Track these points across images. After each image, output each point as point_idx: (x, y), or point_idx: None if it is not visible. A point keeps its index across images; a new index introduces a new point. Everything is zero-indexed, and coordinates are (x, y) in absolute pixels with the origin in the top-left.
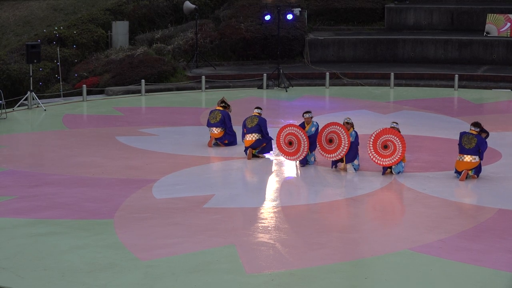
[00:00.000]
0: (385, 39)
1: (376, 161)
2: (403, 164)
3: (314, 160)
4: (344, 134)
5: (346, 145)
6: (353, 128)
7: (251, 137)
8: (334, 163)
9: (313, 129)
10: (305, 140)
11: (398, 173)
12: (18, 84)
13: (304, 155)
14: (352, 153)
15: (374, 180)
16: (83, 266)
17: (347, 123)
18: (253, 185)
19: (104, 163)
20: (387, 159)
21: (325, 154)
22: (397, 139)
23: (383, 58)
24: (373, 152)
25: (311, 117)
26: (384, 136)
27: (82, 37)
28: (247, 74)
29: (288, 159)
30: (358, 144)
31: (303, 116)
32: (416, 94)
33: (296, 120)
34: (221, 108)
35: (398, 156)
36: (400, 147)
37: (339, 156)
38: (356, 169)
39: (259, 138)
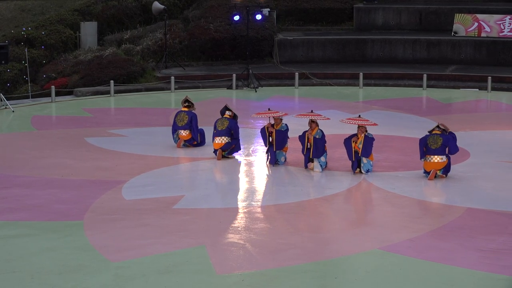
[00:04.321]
0: (354, 39)
1: (350, 122)
2: (371, 163)
3: (285, 160)
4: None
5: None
6: (318, 127)
7: (221, 140)
8: (306, 163)
9: (282, 130)
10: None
11: (367, 171)
12: None
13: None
14: (319, 150)
15: (344, 180)
16: (53, 268)
17: (313, 121)
18: (223, 185)
19: (73, 164)
20: (359, 121)
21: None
22: (368, 120)
23: (352, 58)
24: (346, 120)
25: (281, 119)
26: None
27: (50, 38)
28: (216, 74)
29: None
30: (325, 142)
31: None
32: (385, 94)
33: (265, 120)
34: (186, 109)
35: (371, 122)
36: (371, 122)
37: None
38: (323, 166)
39: (229, 141)
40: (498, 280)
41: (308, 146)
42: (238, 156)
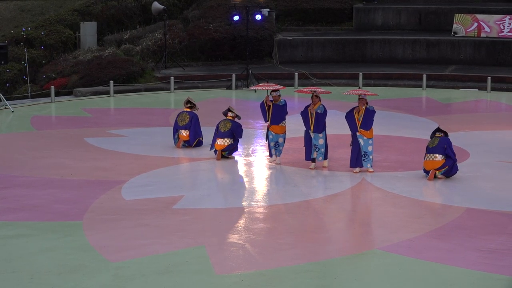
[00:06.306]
0: (354, 39)
1: (351, 93)
2: (370, 141)
3: (283, 141)
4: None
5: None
6: (320, 102)
7: (223, 142)
8: (307, 156)
9: (281, 105)
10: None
11: (370, 160)
12: None
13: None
14: (319, 126)
15: (344, 180)
16: (52, 268)
17: (316, 96)
18: (223, 185)
19: (73, 164)
20: (359, 91)
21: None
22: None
23: (352, 58)
24: (347, 92)
25: (279, 95)
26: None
27: (50, 38)
28: (216, 74)
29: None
30: (325, 116)
31: (270, 94)
32: (385, 94)
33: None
34: (188, 110)
35: (371, 93)
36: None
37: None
38: (323, 140)
39: (231, 143)
40: (497, 280)
41: (312, 121)
42: (237, 156)
